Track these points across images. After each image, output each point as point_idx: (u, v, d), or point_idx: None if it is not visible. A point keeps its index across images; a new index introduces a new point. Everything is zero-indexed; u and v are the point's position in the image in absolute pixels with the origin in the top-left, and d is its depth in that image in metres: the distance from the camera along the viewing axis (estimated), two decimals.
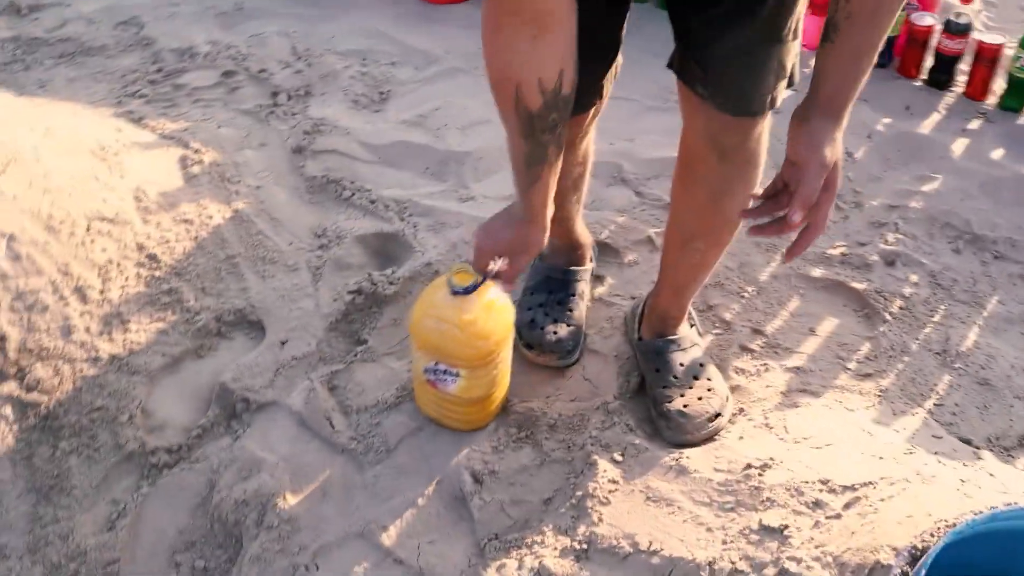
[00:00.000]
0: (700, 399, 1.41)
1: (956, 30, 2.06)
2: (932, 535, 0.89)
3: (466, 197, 1.89)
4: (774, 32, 1.08)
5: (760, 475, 1.18)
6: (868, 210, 1.81)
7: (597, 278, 1.70)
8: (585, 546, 1.25)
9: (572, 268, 1.62)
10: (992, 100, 2.09)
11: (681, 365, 1.45)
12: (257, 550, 1.34)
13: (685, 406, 1.39)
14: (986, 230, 1.74)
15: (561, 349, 1.54)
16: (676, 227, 1.40)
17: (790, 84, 1.18)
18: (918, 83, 2.15)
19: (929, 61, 2.15)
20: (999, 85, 2.08)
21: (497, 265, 1.20)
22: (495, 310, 1.30)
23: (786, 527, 1.06)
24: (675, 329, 1.49)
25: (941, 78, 2.13)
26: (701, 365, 1.46)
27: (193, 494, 1.44)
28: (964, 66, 2.14)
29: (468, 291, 1.26)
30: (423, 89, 2.19)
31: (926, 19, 2.12)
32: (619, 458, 1.36)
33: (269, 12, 2.54)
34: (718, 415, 1.39)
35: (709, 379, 1.44)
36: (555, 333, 1.54)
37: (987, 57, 2.03)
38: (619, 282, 1.71)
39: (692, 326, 1.53)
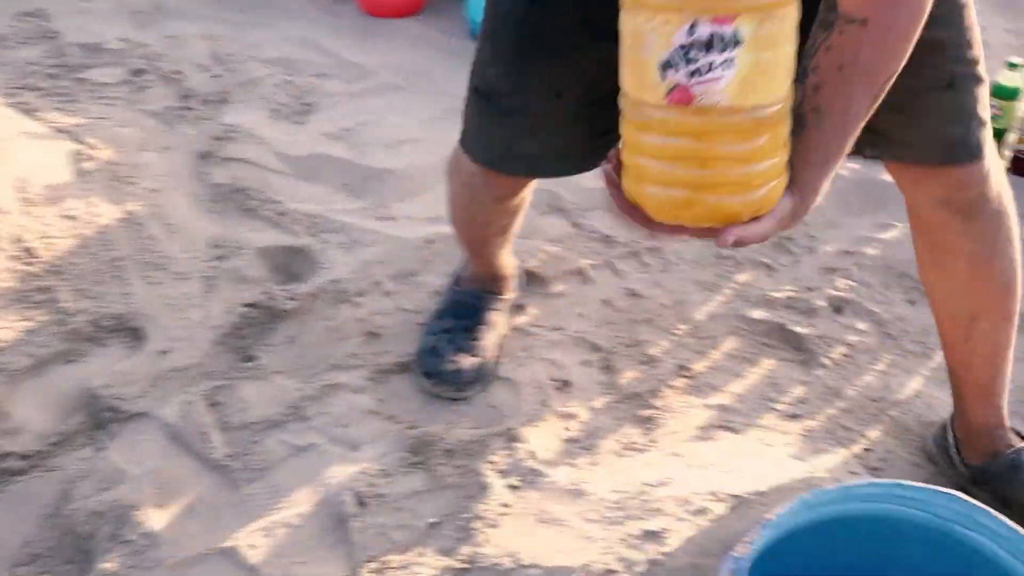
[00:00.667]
0: None
1: None
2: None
3: (385, 216, 2.11)
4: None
5: (654, 490, 1.36)
6: (821, 255, 2.04)
7: (519, 307, 1.90)
8: (467, 566, 1.41)
9: (486, 294, 1.82)
10: None
11: None
12: (108, 565, 1.49)
13: None
14: None
15: (459, 380, 1.71)
16: (949, 318, 1.47)
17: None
18: None
19: None
20: None
21: None
22: None
23: (665, 530, 1.24)
24: (1007, 439, 1.53)
25: None
26: None
27: (43, 504, 1.59)
28: None
29: None
30: (351, 103, 2.43)
31: None
32: (516, 483, 1.54)
33: (191, 14, 2.81)
34: None
35: None
36: (455, 362, 1.72)
37: None
38: (543, 312, 1.91)
39: (1017, 434, 1.56)
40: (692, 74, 0.86)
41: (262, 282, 1.94)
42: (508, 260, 1.84)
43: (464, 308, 1.80)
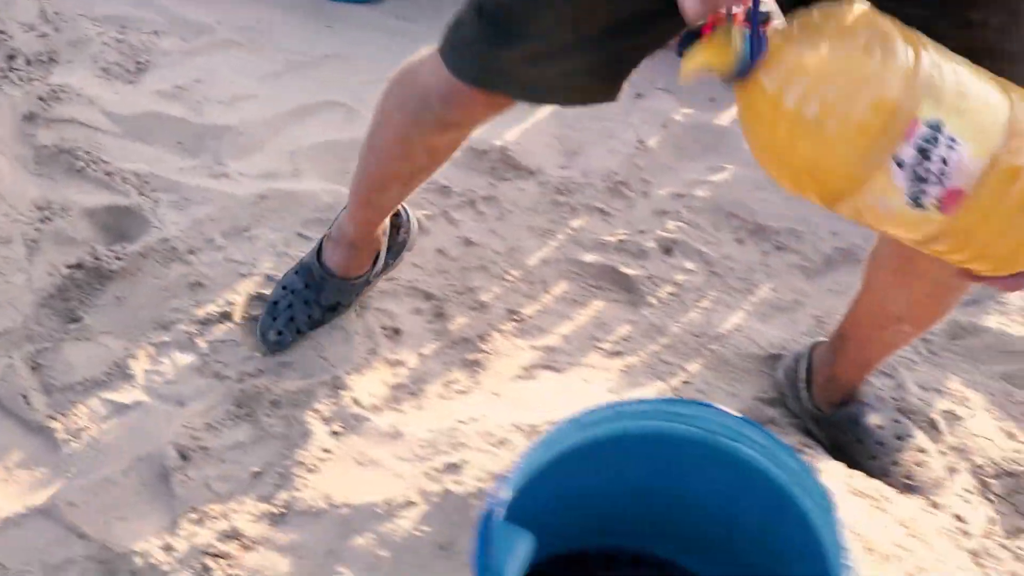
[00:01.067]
0: (919, 465, 1.59)
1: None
2: None
3: (219, 174, 2.11)
4: None
5: (464, 427, 1.42)
6: (654, 199, 2.12)
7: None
8: (284, 510, 1.46)
9: (341, 283, 1.76)
10: None
11: (881, 428, 1.62)
12: None
13: (907, 476, 1.57)
14: (771, 221, 2.07)
15: (278, 349, 1.75)
16: (880, 308, 1.51)
17: None
18: None
19: None
20: None
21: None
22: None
23: (465, 462, 1.30)
24: (859, 393, 1.66)
25: None
26: (896, 421, 1.65)
27: None
28: None
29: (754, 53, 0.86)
30: (188, 60, 2.41)
31: None
32: (338, 430, 1.58)
33: None
34: (942, 480, 1.58)
35: (913, 438, 1.62)
36: (279, 334, 1.75)
37: None
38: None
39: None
40: (940, 180, 0.83)
41: (89, 243, 1.93)
42: (383, 228, 1.78)
43: (315, 283, 1.77)
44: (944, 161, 0.82)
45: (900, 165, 0.82)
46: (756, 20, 0.84)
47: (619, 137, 2.23)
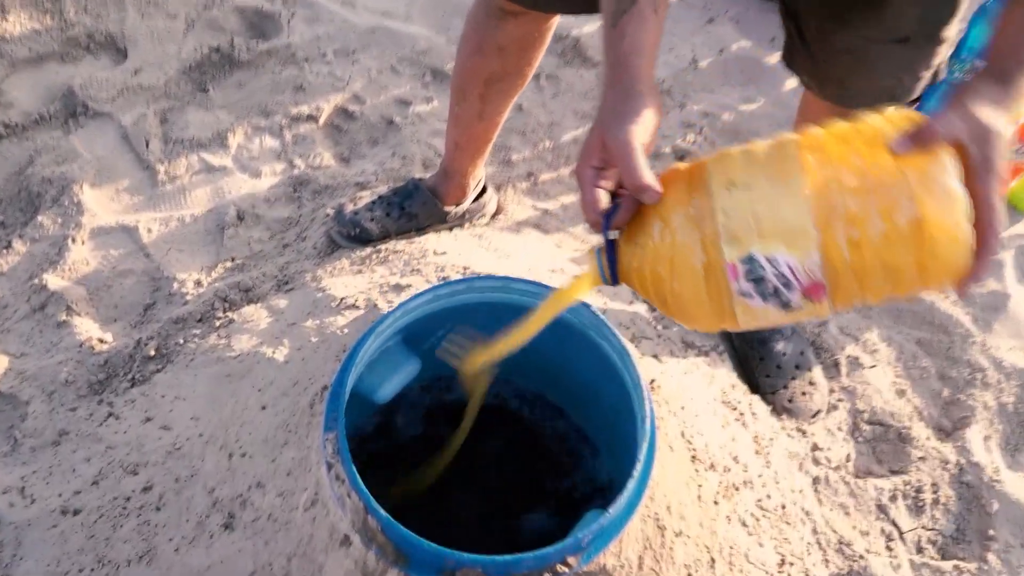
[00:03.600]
0: (804, 394, 1.42)
1: None
2: None
3: (347, 3, 1.99)
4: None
5: (432, 258, 1.34)
6: (687, 112, 1.90)
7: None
8: (287, 282, 1.43)
9: (431, 194, 1.51)
10: None
11: (784, 355, 1.44)
12: (45, 219, 1.53)
13: (790, 400, 1.41)
14: None
15: (347, 224, 1.50)
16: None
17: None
18: None
19: None
20: None
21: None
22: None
23: (409, 285, 1.23)
24: None
25: None
26: (802, 353, 1.46)
27: (13, 164, 1.62)
28: None
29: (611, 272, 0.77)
30: None
31: None
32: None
33: None
34: (818, 412, 1.41)
35: (810, 371, 1.44)
36: (355, 214, 1.50)
37: None
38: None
39: None
40: (790, 287, 0.69)
41: (232, 33, 1.88)
42: (473, 177, 1.53)
43: (405, 191, 1.53)
44: (779, 276, 0.69)
45: (748, 295, 0.70)
46: (609, 246, 0.76)
47: (677, 52, 1.99)
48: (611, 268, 0.76)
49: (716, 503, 1.05)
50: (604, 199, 0.74)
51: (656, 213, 0.72)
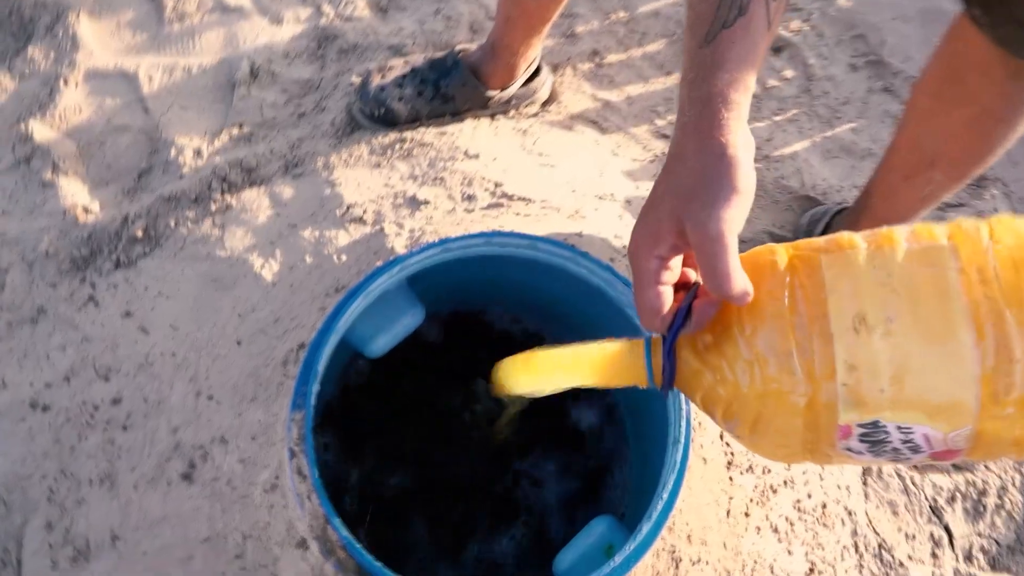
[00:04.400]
0: None
1: None
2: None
3: None
4: None
5: (461, 164, 1.13)
6: None
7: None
8: (297, 166, 1.24)
9: (471, 73, 1.27)
10: None
11: None
12: (36, 52, 1.34)
13: None
14: (896, 60, 1.53)
15: (371, 101, 1.28)
16: (909, 150, 1.06)
17: None
18: None
19: None
20: None
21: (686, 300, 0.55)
22: None
23: (427, 202, 1.04)
24: None
25: None
26: None
27: None
28: None
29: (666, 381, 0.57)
30: None
31: None
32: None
33: None
34: None
35: None
36: (382, 90, 1.27)
37: None
38: None
39: None
40: (914, 453, 0.50)
41: None
42: (524, 60, 1.27)
43: (444, 67, 1.29)
44: (909, 443, 0.48)
45: (856, 452, 0.50)
46: (668, 355, 0.54)
47: None
48: (667, 379, 0.55)
49: (747, 514, 0.90)
50: (668, 299, 0.53)
51: (739, 321, 0.51)
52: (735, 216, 0.51)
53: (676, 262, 0.55)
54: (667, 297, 0.54)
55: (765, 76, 1.49)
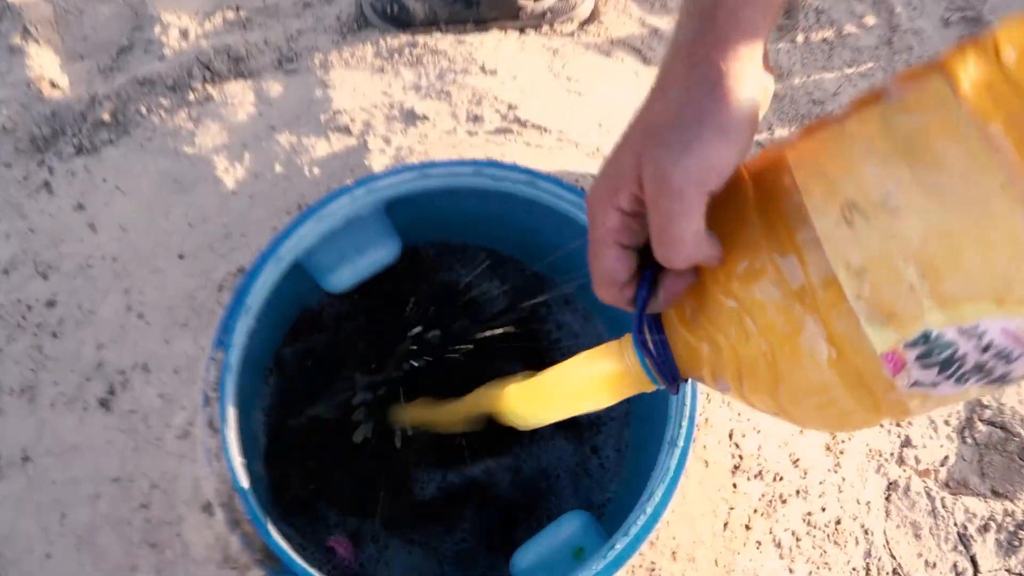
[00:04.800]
0: None
1: None
2: None
3: None
4: None
5: (474, 79, 0.97)
6: None
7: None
8: (293, 65, 1.09)
9: None
10: None
11: None
12: None
13: None
14: (996, 18, 1.32)
15: (393, 23, 1.10)
16: None
17: None
18: None
19: None
20: None
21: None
22: None
23: (425, 118, 0.88)
24: None
25: None
26: None
27: None
28: None
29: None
30: None
31: None
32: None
33: None
34: None
35: None
36: (397, 18, 1.09)
37: None
38: None
39: None
40: (999, 362, 0.35)
41: None
42: None
43: None
44: (985, 348, 0.33)
45: (929, 385, 0.35)
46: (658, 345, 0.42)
47: None
48: (667, 369, 0.42)
49: (748, 526, 0.77)
50: (628, 265, 0.41)
51: (718, 281, 0.38)
52: (712, 168, 0.37)
53: (642, 224, 0.41)
54: (627, 262, 0.41)
55: (842, 21, 1.30)
